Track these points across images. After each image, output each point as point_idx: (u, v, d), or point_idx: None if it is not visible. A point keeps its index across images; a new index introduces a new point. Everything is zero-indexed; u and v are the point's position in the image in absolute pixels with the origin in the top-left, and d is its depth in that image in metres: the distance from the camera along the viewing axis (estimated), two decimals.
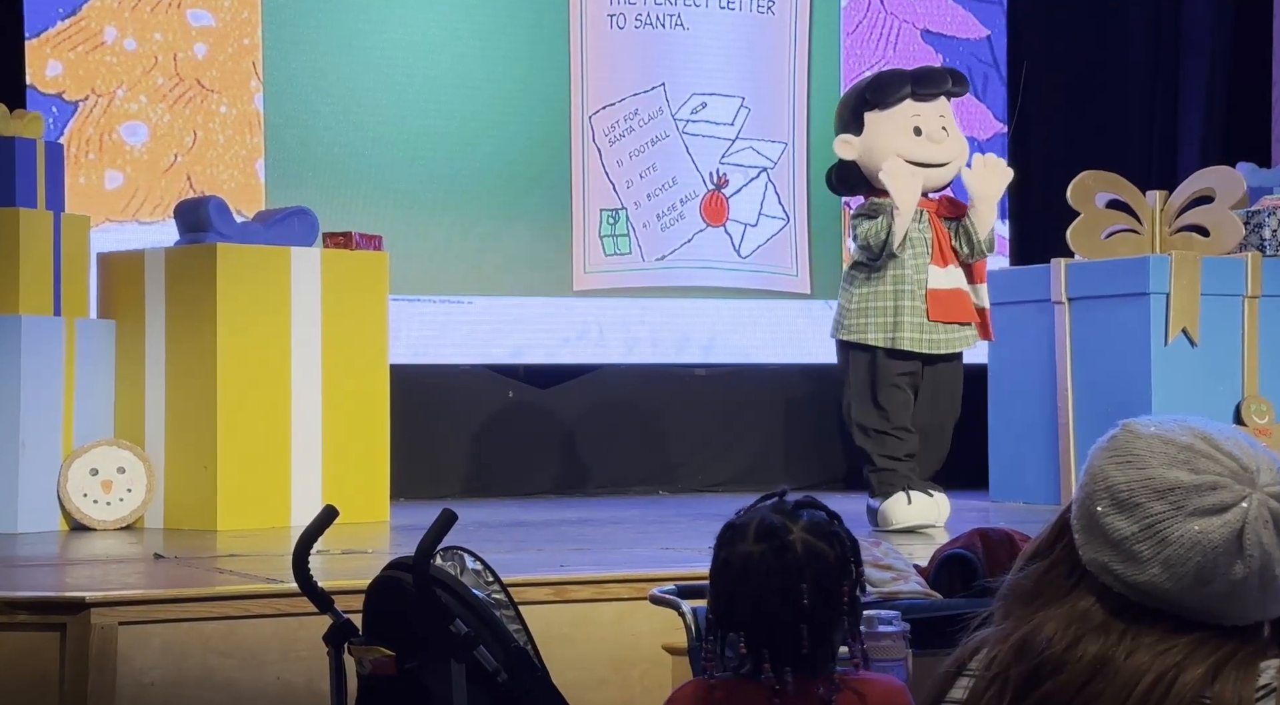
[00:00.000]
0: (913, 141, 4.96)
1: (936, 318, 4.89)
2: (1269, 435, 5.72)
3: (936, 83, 5.05)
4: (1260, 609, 1.29)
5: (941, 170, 5.02)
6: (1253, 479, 1.29)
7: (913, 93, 4.98)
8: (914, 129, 4.97)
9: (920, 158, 4.94)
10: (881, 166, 4.85)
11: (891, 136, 4.94)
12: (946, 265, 4.93)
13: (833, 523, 1.84)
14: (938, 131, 4.99)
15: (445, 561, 2.49)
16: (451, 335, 6.49)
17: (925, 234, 4.92)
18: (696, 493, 6.72)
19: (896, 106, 4.98)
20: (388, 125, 6.42)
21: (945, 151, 5.00)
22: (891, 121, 4.97)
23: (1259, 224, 5.87)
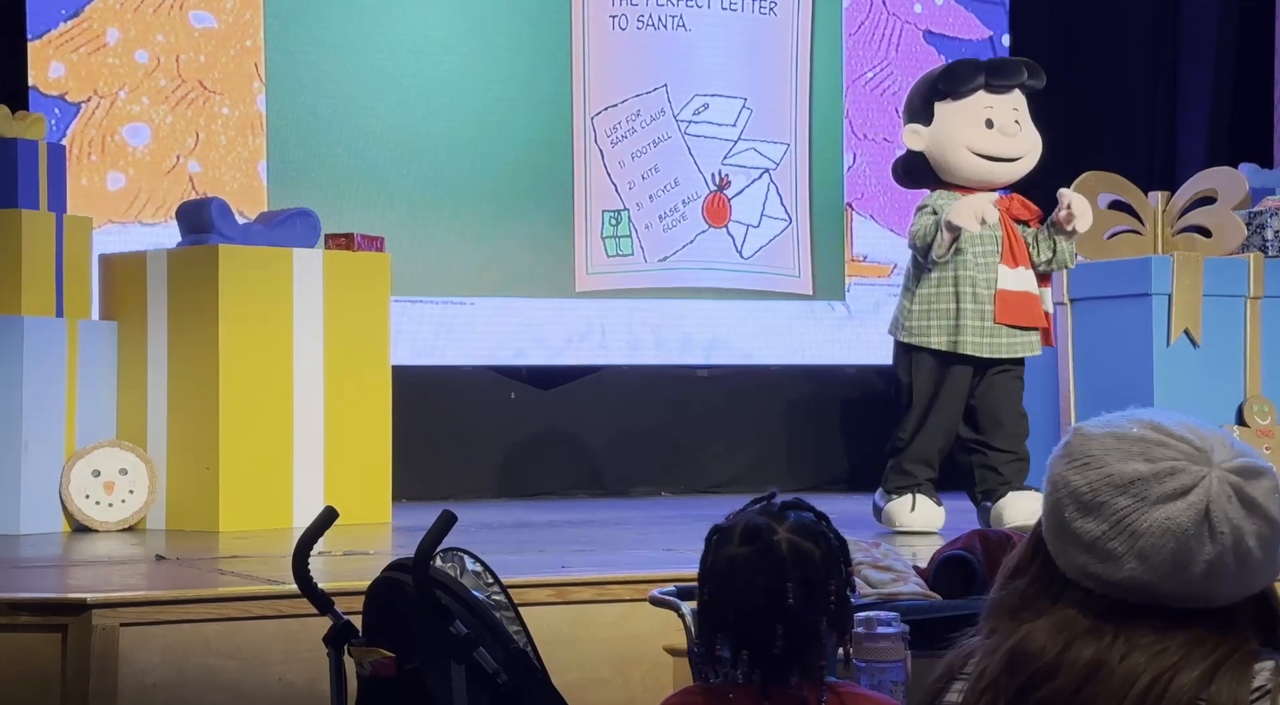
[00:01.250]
0: (983, 134, 4.80)
1: (1003, 320, 4.72)
2: (1271, 436, 5.71)
3: (1011, 74, 4.87)
4: (1241, 585, 1.30)
5: (1013, 165, 4.85)
6: (1208, 458, 1.31)
7: (986, 84, 4.81)
8: (986, 121, 4.80)
9: (991, 151, 4.79)
10: (950, 160, 4.72)
11: (962, 128, 4.78)
12: (1017, 266, 4.76)
13: (819, 523, 1.85)
14: (1010, 125, 4.82)
15: (445, 563, 2.50)
16: (454, 336, 6.49)
17: (995, 232, 4.74)
18: (699, 494, 6.72)
19: (969, 97, 4.81)
20: (390, 126, 6.43)
21: (1017, 146, 4.84)
22: (963, 113, 4.80)
23: (1261, 225, 5.86)
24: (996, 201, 4.75)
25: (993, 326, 4.72)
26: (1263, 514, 1.29)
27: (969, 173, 4.82)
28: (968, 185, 4.83)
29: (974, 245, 4.70)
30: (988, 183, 4.84)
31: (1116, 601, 1.30)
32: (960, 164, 4.80)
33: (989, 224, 4.62)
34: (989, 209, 4.59)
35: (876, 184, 7.23)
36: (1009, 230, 4.77)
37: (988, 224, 4.61)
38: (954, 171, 4.81)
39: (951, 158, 4.78)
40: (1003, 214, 4.75)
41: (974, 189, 4.81)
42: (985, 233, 4.70)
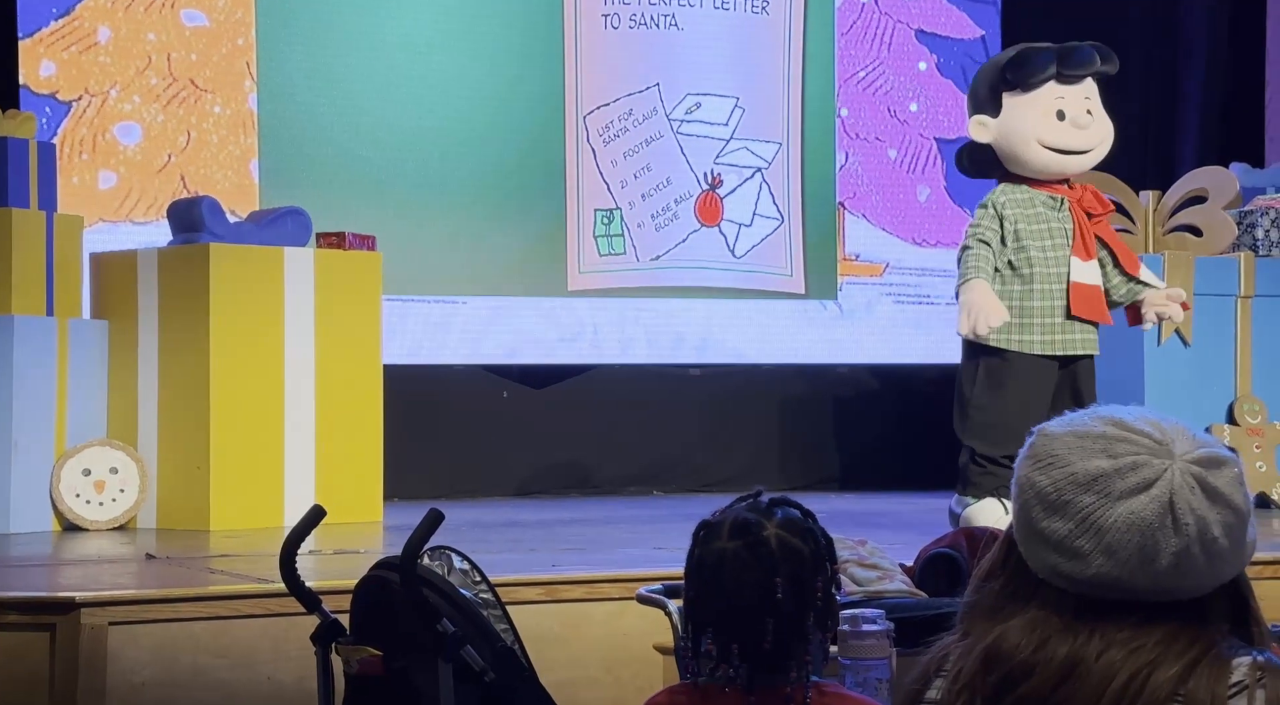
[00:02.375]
0: (1055, 127, 4.57)
1: (1079, 313, 4.51)
2: (1261, 435, 5.72)
3: (1085, 63, 4.63)
4: (1210, 576, 1.31)
5: (1084, 157, 4.65)
6: (1169, 450, 1.31)
7: (1058, 74, 4.59)
8: (1057, 113, 4.58)
9: (1063, 145, 4.58)
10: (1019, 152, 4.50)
11: (1032, 122, 4.56)
12: (1090, 259, 4.57)
13: (807, 520, 1.85)
14: (1083, 116, 4.60)
15: (433, 561, 2.50)
16: (446, 335, 6.49)
17: (1065, 224, 4.55)
18: (691, 493, 6.72)
19: (1039, 88, 4.58)
20: (382, 125, 6.43)
21: (1089, 138, 4.63)
22: (1033, 106, 4.57)
23: (1252, 224, 5.87)
24: (1068, 192, 4.58)
25: (1064, 323, 4.52)
26: (1227, 503, 1.30)
27: (1039, 166, 4.60)
28: (1038, 177, 4.62)
29: (1040, 240, 4.52)
30: (1058, 175, 4.63)
31: (1089, 599, 1.31)
32: (1031, 157, 4.59)
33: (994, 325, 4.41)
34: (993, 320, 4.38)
35: (869, 183, 7.24)
36: (1080, 222, 4.57)
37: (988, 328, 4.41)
38: (1024, 164, 4.60)
39: (1021, 151, 4.57)
40: (1074, 205, 4.57)
41: (1044, 181, 4.61)
42: (1055, 225, 4.53)
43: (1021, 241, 4.52)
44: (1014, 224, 4.54)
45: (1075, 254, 4.53)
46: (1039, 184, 4.62)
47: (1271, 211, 5.88)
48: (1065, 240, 4.54)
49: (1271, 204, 5.91)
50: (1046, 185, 4.62)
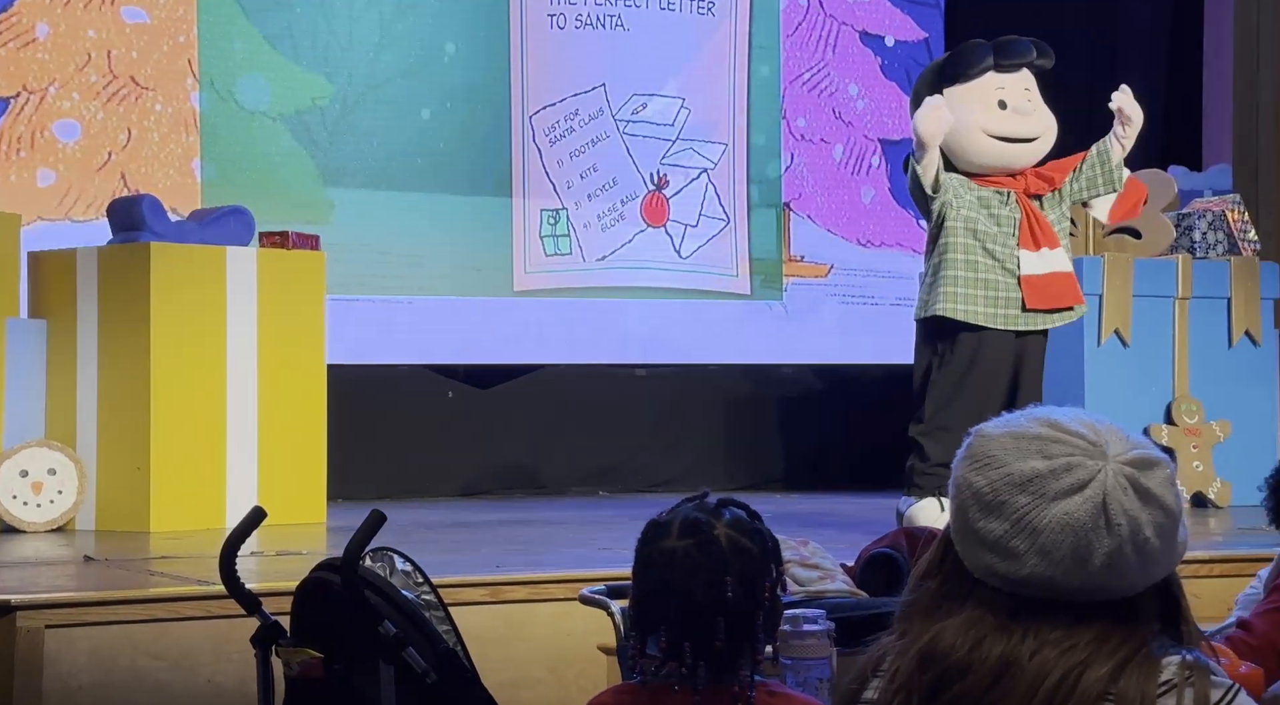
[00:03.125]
0: (999, 116, 4.59)
1: (1035, 306, 4.52)
2: (1199, 435, 5.79)
3: (1020, 53, 4.67)
4: (1142, 576, 1.32)
5: (1030, 146, 4.64)
6: (1103, 452, 1.33)
7: (996, 63, 4.63)
8: (999, 102, 4.61)
9: (1006, 132, 4.59)
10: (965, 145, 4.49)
11: (975, 111, 4.57)
12: (1039, 248, 4.55)
13: (754, 521, 1.86)
14: (1024, 103, 4.63)
15: (374, 562, 2.49)
16: (391, 335, 6.46)
17: (1014, 214, 4.54)
18: (636, 493, 6.72)
19: (979, 78, 4.62)
20: (327, 124, 6.39)
21: (1033, 125, 4.64)
22: (975, 96, 4.59)
23: (1189, 227, 5.94)
24: (1011, 183, 4.58)
25: (1018, 313, 4.52)
26: (1159, 504, 1.31)
27: (986, 157, 4.60)
28: (985, 171, 4.61)
29: (990, 237, 4.51)
30: (1006, 166, 4.63)
31: (1024, 599, 1.32)
32: (976, 148, 4.58)
33: (949, 121, 4.41)
34: (942, 109, 4.40)
35: (814, 184, 7.27)
36: (1027, 210, 4.56)
37: (949, 120, 4.42)
38: (970, 157, 4.60)
39: (966, 142, 4.56)
40: (1020, 196, 4.58)
41: (991, 175, 4.61)
42: (1003, 215, 4.53)
43: (970, 239, 4.52)
44: (959, 208, 4.53)
45: (1023, 246, 4.54)
46: (984, 180, 4.61)
47: (1208, 214, 5.96)
48: (1013, 231, 4.54)
49: (1208, 207, 5.99)
50: (994, 181, 4.61)
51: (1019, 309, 4.53)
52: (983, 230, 4.52)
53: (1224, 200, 6.04)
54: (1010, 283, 4.51)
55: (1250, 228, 6.05)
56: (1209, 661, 1.31)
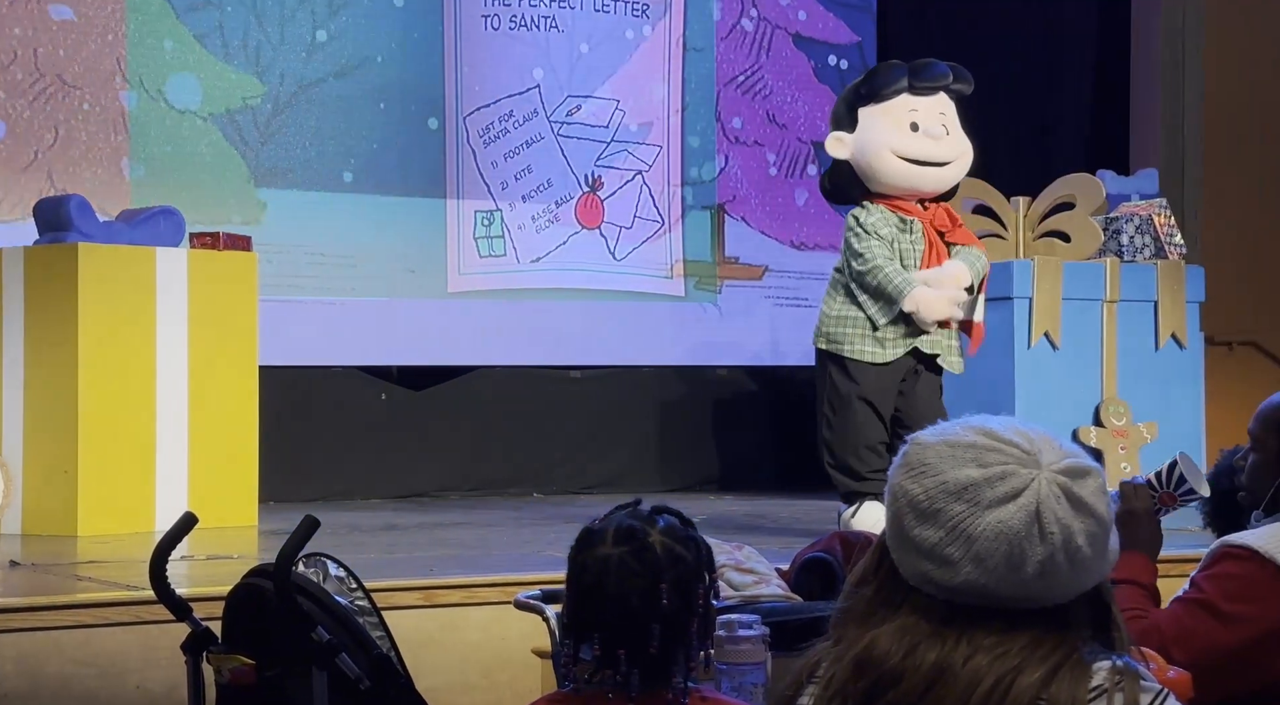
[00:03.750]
0: (909, 138, 4.57)
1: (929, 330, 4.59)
2: (1126, 436, 5.87)
3: (937, 76, 4.66)
4: (1074, 583, 1.34)
5: (941, 171, 4.64)
6: (1037, 460, 1.34)
7: (910, 85, 4.61)
8: (911, 124, 4.59)
9: (916, 155, 4.58)
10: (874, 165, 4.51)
11: (886, 131, 4.55)
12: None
13: (687, 528, 1.87)
14: (936, 128, 4.61)
15: (308, 568, 2.48)
16: (324, 337, 6.41)
17: (917, 246, 4.58)
18: (571, 495, 6.72)
19: (893, 99, 4.60)
20: (258, 124, 6.34)
21: (945, 149, 4.63)
22: (887, 116, 4.58)
23: (1117, 230, 6.01)
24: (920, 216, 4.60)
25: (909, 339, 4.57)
26: (1091, 512, 1.33)
27: (895, 178, 4.60)
28: (895, 193, 4.60)
29: (893, 259, 4.54)
30: (915, 190, 4.63)
31: (958, 606, 1.33)
32: (886, 169, 4.58)
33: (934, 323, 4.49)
34: (953, 310, 4.47)
35: (748, 187, 7.30)
36: (932, 242, 4.59)
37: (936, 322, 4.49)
38: (880, 178, 4.59)
39: (876, 163, 4.56)
40: (926, 226, 4.60)
41: (900, 197, 4.62)
42: (906, 247, 4.56)
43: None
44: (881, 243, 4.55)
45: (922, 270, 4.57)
46: (893, 204, 4.62)
47: (1136, 218, 6.03)
48: (915, 263, 4.56)
49: (1136, 211, 6.06)
50: (901, 206, 4.62)
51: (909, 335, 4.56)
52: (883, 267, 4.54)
53: (1151, 204, 6.12)
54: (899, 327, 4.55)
55: (1176, 232, 6.13)
56: (1138, 667, 1.33)
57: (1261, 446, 2.17)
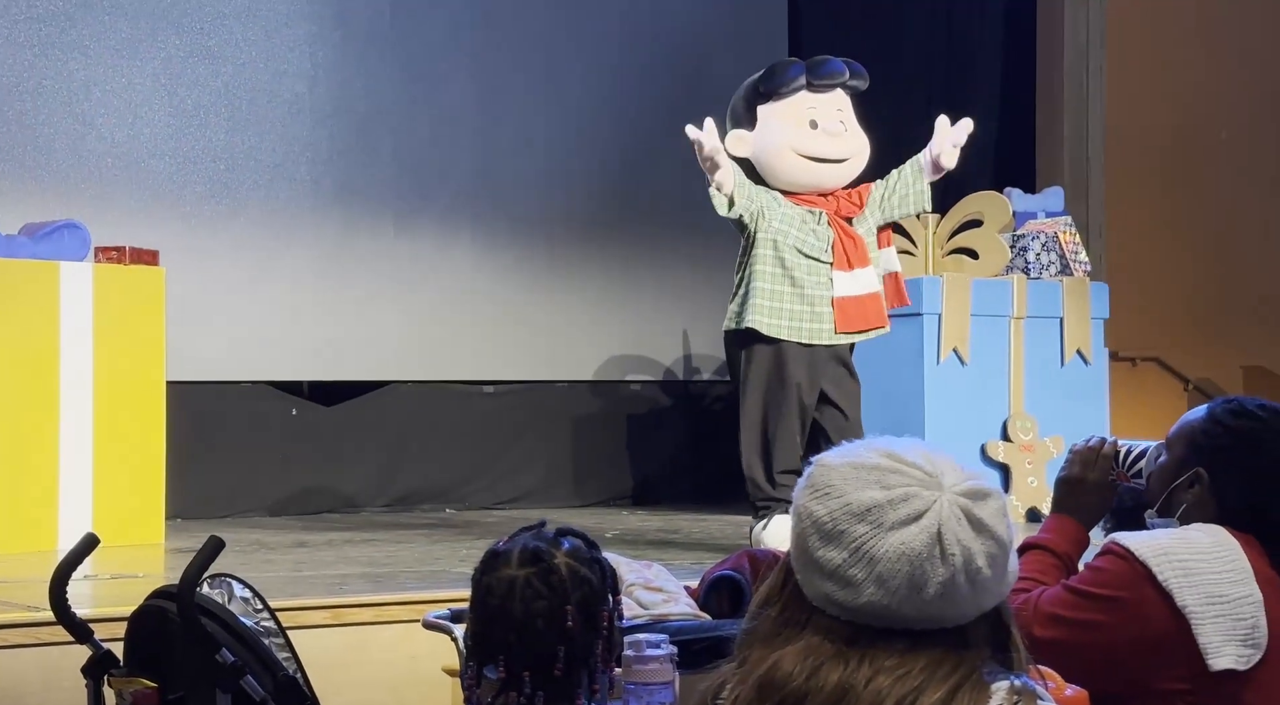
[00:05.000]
0: (809, 135, 4.57)
1: (844, 329, 4.53)
2: (1033, 451, 5.95)
3: (834, 73, 4.66)
4: (974, 604, 1.36)
5: (840, 167, 4.64)
6: (939, 482, 1.36)
7: (808, 83, 4.61)
8: (810, 122, 4.60)
9: (816, 152, 4.58)
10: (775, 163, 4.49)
11: (785, 129, 4.55)
12: (852, 269, 4.55)
13: (592, 549, 1.87)
14: (835, 124, 4.62)
15: (212, 589, 2.45)
16: (233, 352, 6.34)
17: (825, 236, 4.53)
18: (484, 510, 6.69)
19: (791, 97, 4.60)
20: (165, 137, 6.26)
21: (843, 146, 4.64)
22: (786, 114, 4.58)
23: (1024, 248, 6.11)
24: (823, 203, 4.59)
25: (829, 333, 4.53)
26: (991, 534, 1.35)
27: (795, 176, 4.59)
28: (796, 189, 4.59)
29: (801, 245, 4.51)
30: (815, 186, 4.62)
31: (861, 627, 1.35)
32: (786, 166, 4.58)
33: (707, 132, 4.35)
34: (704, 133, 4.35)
35: None
36: (840, 230, 4.56)
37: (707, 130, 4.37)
38: (781, 176, 4.58)
39: (776, 161, 4.56)
40: (832, 216, 4.58)
41: (802, 194, 4.61)
42: (813, 239, 4.52)
43: (781, 252, 4.52)
44: (770, 220, 4.52)
45: (837, 267, 4.55)
46: (798, 198, 4.62)
47: (1042, 236, 6.13)
48: (826, 252, 4.54)
49: (1042, 228, 6.16)
50: (804, 199, 4.62)
51: (830, 328, 4.54)
52: (794, 248, 4.53)
53: (1056, 222, 6.22)
54: (823, 303, 4.53)
55: (1081, 249, 6.24)
56: (1036, 686, 1.35)
57: (1171, 451, 2.22)
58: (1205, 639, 1.99)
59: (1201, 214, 7.69)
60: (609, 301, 7.07)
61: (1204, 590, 2.01)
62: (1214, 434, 2.16)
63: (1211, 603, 2.01)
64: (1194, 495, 2.16)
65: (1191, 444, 2.18)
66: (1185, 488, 2.17)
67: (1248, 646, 2.00)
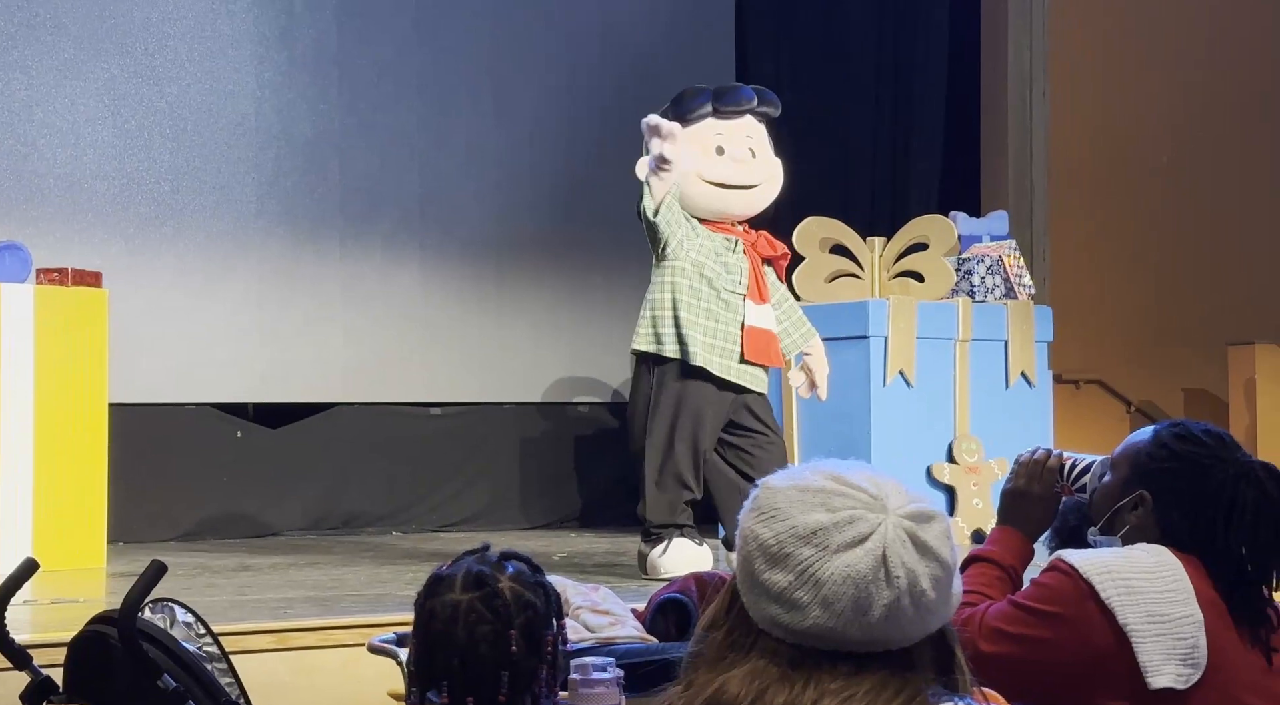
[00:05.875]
0: (713, 161, 4.61)
1: (751, 358, 4.56)
2: (978, 473, 5.99)
3: (739, 100, 4.69)
4: (919, 627, 1.37)
5: (748, 194, 4.67)
6: (884, 505, 1.37)
7: (714, 109, 4.65)
8: (716, 148, 4.64)
9: (721, 179, 4.61)
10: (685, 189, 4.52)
11: (692, 155, 4.57)
12: (763, 302, 4.62)
13: (536, 574, 1.86)
14: (742, 151, 4.65)
15: (154, 614, 2.42)
16: (178, 374, 6.29)
17: (741, 263, 4.58)
18: (431, 533, 6.66)
19: (698, 124, 4.63)
20: (109, 158, 6.21)
21: (750, 173, 4.66)
22: (693, 141, 4.60)
23: (969, 271, 6.16)
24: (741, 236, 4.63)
25: (736, 365, 4.56)
26: (935, 557, 1.36)
27: (703, 202, 4.62)
28: (706, 215, 4.63)
29: (719, 280, 4.54)
30: (724, 212, 4.66)
31: (806, 650, 1.35)
32: (693, 193, 4.60)
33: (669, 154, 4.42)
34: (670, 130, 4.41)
35: None
36: (755, 266, 4.61)
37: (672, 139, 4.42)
38: (688, 202, 4.61)
39: (685, 187, 4.58)
40: (749, 247, 4.62)
41: (711, 221, 4.64)
42: (730, 261, 4.56)
43: (695, 281, 4.54)
44: (688, 250, 4.54)
45: (750, 297, 4.59)
46: (715, 226, 4.65)
47: (987, 259, 6.19)
48: (740, 280, 4.58)
49: (986, 252, 6.22)
50: (722, 227, 4.65)
51: (736, 360, 4.57)
52: (710, 274, 4.56)
53: (1001, 245, 6.28)
54: (733, 330, 4.56)
55: (1025, 272, 6.29)
56: None
57: (1115, 472, 2.24)
58: (1145, 657, 2.01)
59: (1143, 238, 7.79)
60: (556, 323, 7.06)
61: (1145, 609, 2.03)
62: (1159, 457, 2.18)
63: (1153, 621, 2.03)
64: (1137, 518, 2.18)
65: (1136, 466, 2.20)
66: (1129, 509, 2.19)
67: (1187, 666, 2.02)
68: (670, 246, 4.55)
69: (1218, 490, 2.13)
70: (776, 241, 4.77)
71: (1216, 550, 2.11)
